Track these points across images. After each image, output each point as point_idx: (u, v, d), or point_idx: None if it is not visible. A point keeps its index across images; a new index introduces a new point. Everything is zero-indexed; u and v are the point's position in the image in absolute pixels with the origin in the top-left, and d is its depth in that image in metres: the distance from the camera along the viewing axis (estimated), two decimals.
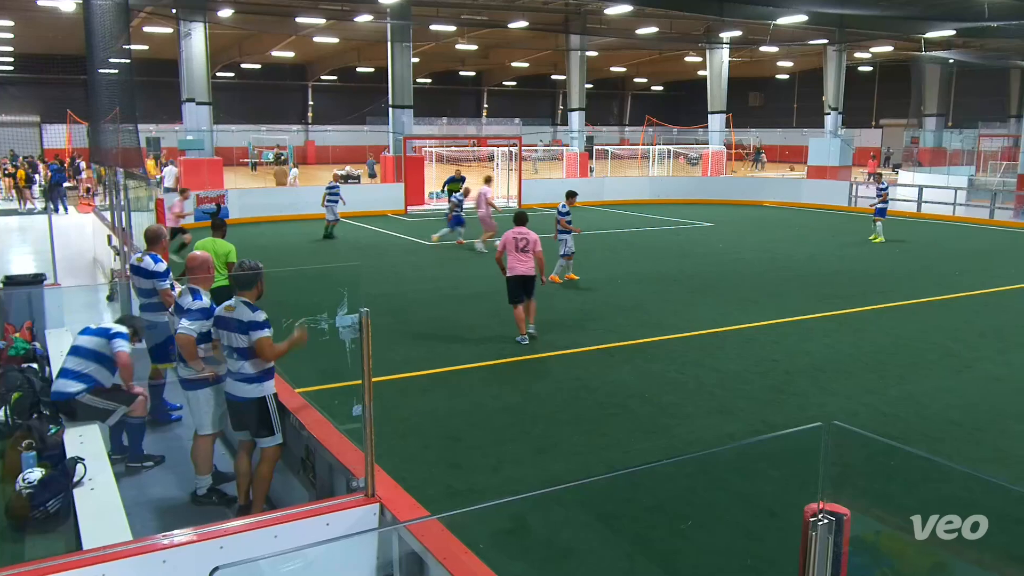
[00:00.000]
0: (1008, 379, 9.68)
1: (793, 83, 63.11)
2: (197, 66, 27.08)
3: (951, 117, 49.80)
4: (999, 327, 12.10)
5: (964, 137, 46.27)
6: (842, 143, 35.26)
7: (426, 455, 7.34)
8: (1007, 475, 6.98)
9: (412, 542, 3.65)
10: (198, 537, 3.65)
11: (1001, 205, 27.35)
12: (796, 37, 37.93)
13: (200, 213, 23.78)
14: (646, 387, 9.23)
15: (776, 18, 29.67)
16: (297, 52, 49.52)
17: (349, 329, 4.41)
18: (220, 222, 10.27)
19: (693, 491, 6.62)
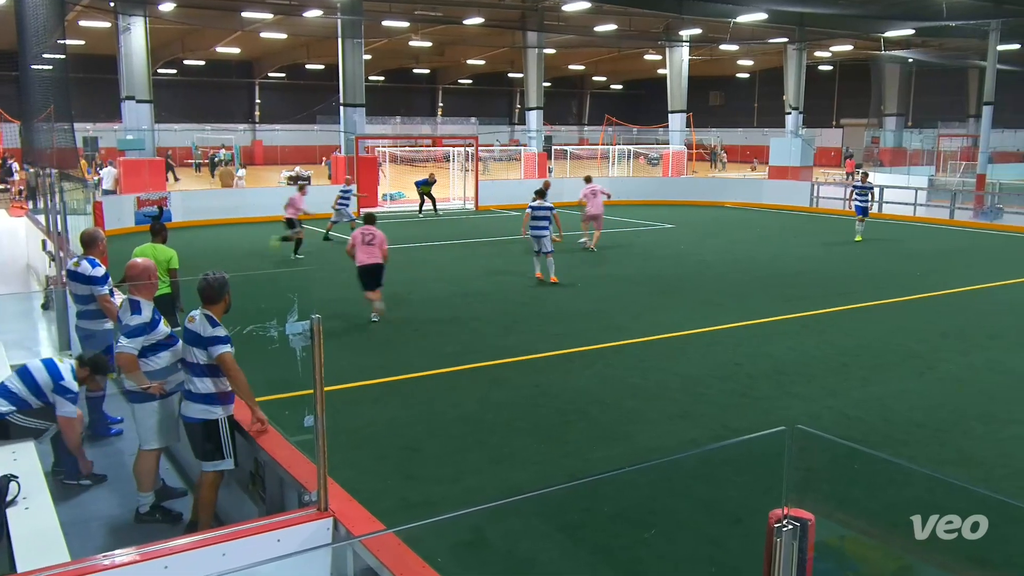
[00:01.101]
0: (970, 380, 9.91)
1: (754, 82, 64.10)
2: (137, 62, 26.58)
3: (911, 117, 51.06)
4: (961, 328, 12.39)
5: (924, 137, 47.40)
6: (803, 143, 35.87)
7: (381, 466, 7.29)
8: (970, 477, 7.14)
9: (367, 557, 3.62)
10: (141, 557, 3.57)
11: (961, 205, 28.05)
12: (756, 35, 38.53)
13: (141, 216, 23.37)
14: (607, 393, 9.27)
15: (736, 16, 30.12)
16: (243, 48, 48.94)
17: (300, 336, 4.37)
18: (160, 227, 10.04)
19: (656, 499, 6.66)
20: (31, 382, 5.89)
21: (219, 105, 57.54)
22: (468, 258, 18.96)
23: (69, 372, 5.99)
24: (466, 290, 15.04)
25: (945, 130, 47.67)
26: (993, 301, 14.50)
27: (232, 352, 5.34)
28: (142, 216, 23.32)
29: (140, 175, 26.30)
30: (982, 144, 30.39)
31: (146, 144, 26.77)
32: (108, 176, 26.69)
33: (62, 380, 5.91)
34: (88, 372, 6.15)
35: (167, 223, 12.90)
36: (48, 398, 5.87)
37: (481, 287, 15.35)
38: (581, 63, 59.02)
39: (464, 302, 14.02)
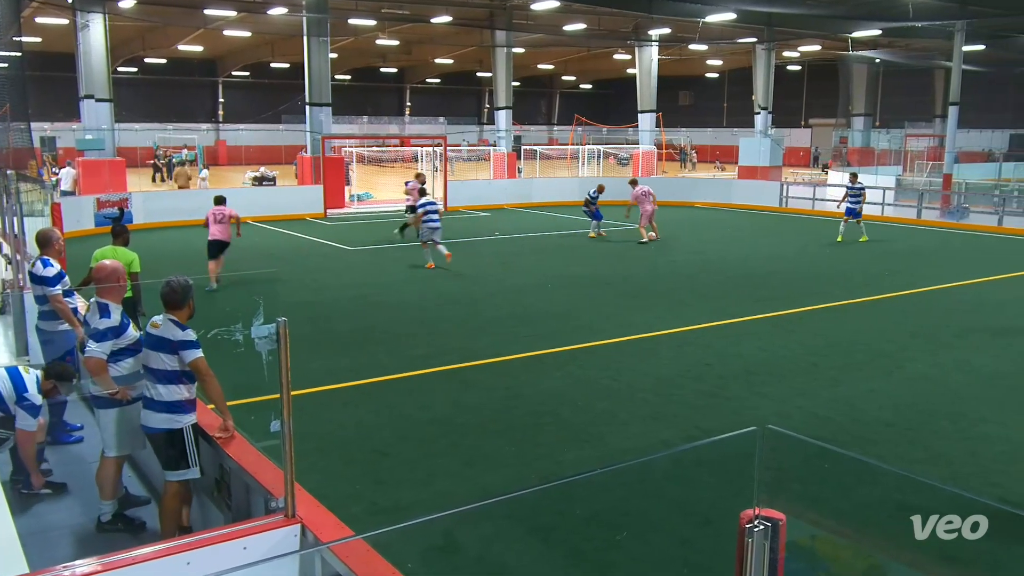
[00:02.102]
0: (938, 379, 10.06)
1: (723, 82, 64.68)
2: (96, 60, 26.21)
3: (878, 117, 51.75)
4: (928, 327, 12.58)
5: (891, 137, 48.11)
6: (772, 143, 36.23)
7: (350, 471, 7.24)
8: (939, 475, 7.26)
9: (336, 564, 3.59)
10: (103, 567, 3.50)
11: (928, 205, 28.50)
12: (725, 35, 38.86)
13: (101, 218, 23.04)
14: (579, 394, 9.30)
15: (705, 16, 30.34)
16: (206, 46, 48.42)
17: (266, 340, 4.32)
18: (121, 228, 9.89)
19: (628, 500, 6.69)
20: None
21: (181, 104, 56.94)
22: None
23: (34, 384, 5.84)
24: (436, 291, 15.00)
25: (912, 130, 48.44)
26: (960, 300, 14.74)
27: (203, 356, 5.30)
28: (102, 218, 22.97)
29: (100, 176, 25.92)
30: (948, 144, 30.91)
31: (106, 144, 26.40)
32: (67, 177, 26.25)
33: (26, 392, 5.78)
34: (53, 385, 6.05)
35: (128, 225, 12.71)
36: (10, 409, 5.75)
37: (451, 288, 15.32)
38: (550, 62, 59.14)
39: (434, 303, 13.99)
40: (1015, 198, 29.55)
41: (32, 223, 11.07)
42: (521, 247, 21.11)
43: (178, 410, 5.28)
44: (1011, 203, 28.08)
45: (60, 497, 6.18)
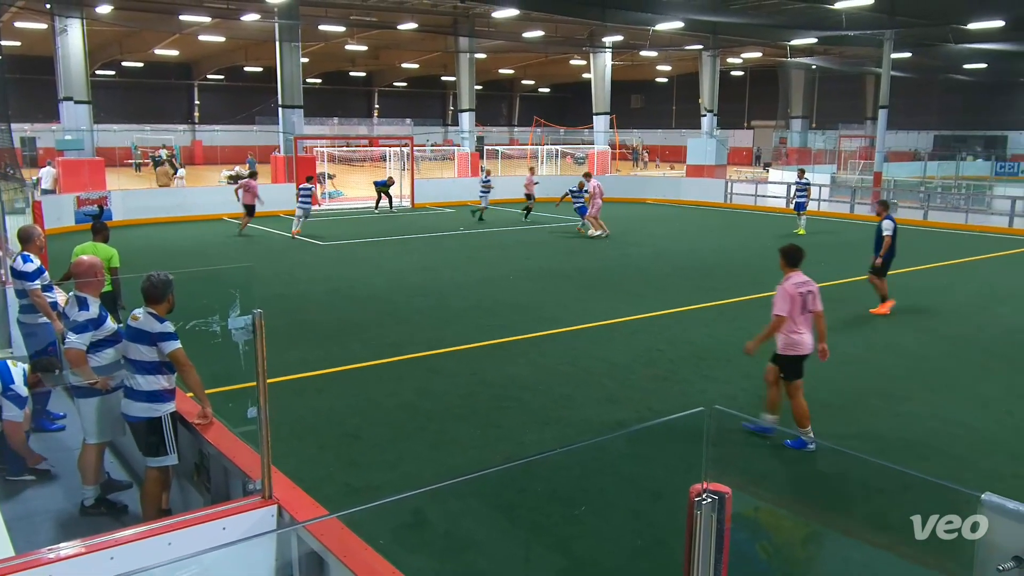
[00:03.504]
0: (868, 360, 10.26)
1: (672, 86, 65.12)
2: (75, 64, 25.63)
3: (814, 119, 52.48)
4: (857, 314, 12.81)
5: (826, 138, 48.85)
6: (718, 143, 36.60)
7: (324, 455, 7.21)
8: (870, 449, 7.41)
9: (311, 542, 3.57)
10: (87, 549, 3.45)
11: (860, 201, 29.00)
12: (673, 42, 39.11)
13: (81, 216, 22.59)
14: (539, 380, 9.33)
15: (655, 24, 30.52)
16: (182, 50, 47.65)
17: (242, 331, 4.28)
18: (101, 225, 9.71)
19: (586, 478, 6.73)
20: None
21: (158, 106, 55.94)
22: (406, 253, 18.84)
23: (20, 377, 5.80)
24: (405, 284, 14.94)
25: (845, 131, 49.25)
26: (888, 288, 15.02)
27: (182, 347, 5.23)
28: (82, 215, 22.55)
29: (80, 175, 25.41)
30: (878, 144, 31.46)
31: (85, 144, 25.87)
32: (47, 176, 25.66)
33: (12, 384, 5.72)
34: (39, 378, 5.99)
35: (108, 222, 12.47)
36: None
37: (419, 281, 15.27)
38: (511, 67, 59.09)
39: (403, 295, 13.93)
40: (938, 194, 30.21)
41: (13, 221, 10.82)
42: (485, 242, 21.11)
43: (158, 399, 5.21)
44: (935, 199, 28.70)
45: (44, 483, 6.07)
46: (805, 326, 7.34)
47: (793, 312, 7.25)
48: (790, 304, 7.24)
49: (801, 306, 7.27)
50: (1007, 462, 7.15)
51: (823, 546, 5.69)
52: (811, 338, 7.40)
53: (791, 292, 7.30)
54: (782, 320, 7.28)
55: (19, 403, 5.72)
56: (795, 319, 7.27)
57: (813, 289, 7.39)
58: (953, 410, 8.40)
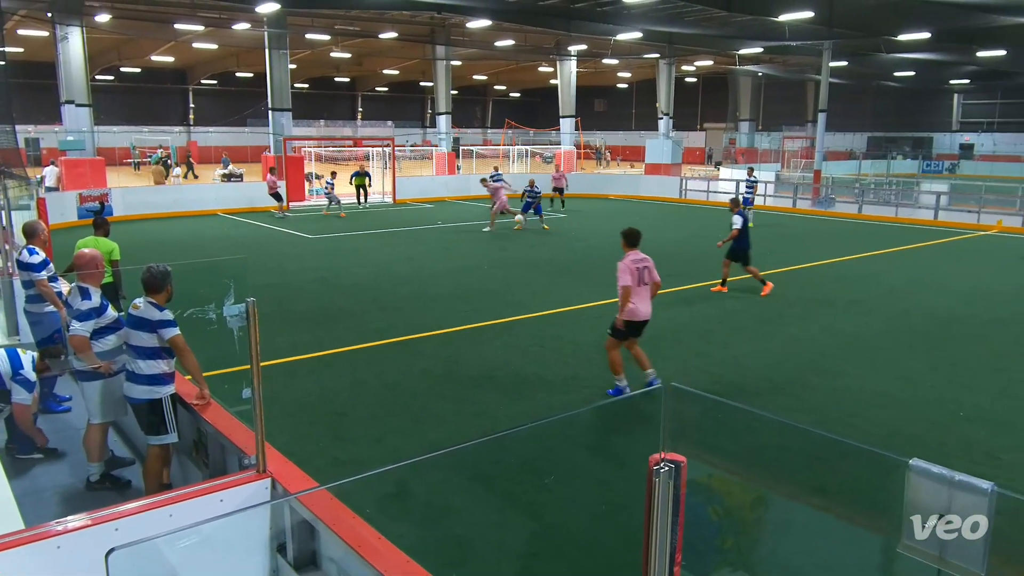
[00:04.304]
0: (808, 340, 10.41)
1: (632, 91, 65.22)
2: (75, 69, 25.07)
3: (761, 121, 52.90)
4: (800, 298, 12.97)
5: (771, 138, 49.30)
6: (673, 144, 36.75)
7: (314, 431, 7.17)
8: (810, 420, 7.52)
9: (303, 511, 3.56)
10: (92, 521, 3.40)
11: (802, 196, 29.33)
12: (633, 51, 39.16)
13: (83, 211, 22.20)
14: (512, 360, 9.35)
15: (616, 34, 30.52)
16: (177, 57, 46.82)
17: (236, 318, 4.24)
18: (102, 220, 9.54)
19: (554, 450, 6.77)
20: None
21: (155, 109, 54.94)
22: (388, 246, 18.74)
23: (29, 363, 5.73)
24: (387, 273, 14.88)
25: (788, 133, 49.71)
26: (826, 276, 15.24)
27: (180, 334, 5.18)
28: (84, 211, 22.18)
29: (81, 173, 24.94)
30: (818, 145, 31.82)
31: (86, 145, 25.37)
32: (51, 174, 25.12)
33: (22, 370, 5.64)
34: (46, 364, 5.92)
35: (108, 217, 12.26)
36: (5, 385, 5.59)
37: (401, 271, 15.21)
38: (484, 74, 58.80)
39: (386, 284, 13.87)
40: (871, 190, 30.59)
41: (19, 216, 10.60)
42: (460, 235, 21.06)
43: (158, 382, 5.15)
44: (868, 194, 29.07)
45: (52, 461, 5.98)
46: (641, 297, 7.87)
47: (634, 283, 7.81)
48: (631, 276, 7.80)
49: (639, 279, 7.83)
50: (929, 429, 7.31)
51: (769, 509, 5.78)
52: (647, 308, 7.94)
53: (630, 267, 7.87)
54: (628, 289, 7.81)
55: (28, 387, 5.65)
56: (635, 290, 7.82)
57: (649, 264, 7.98)
58: (883, 384, 8.55)
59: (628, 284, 7.80)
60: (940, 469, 1.85)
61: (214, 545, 3.52)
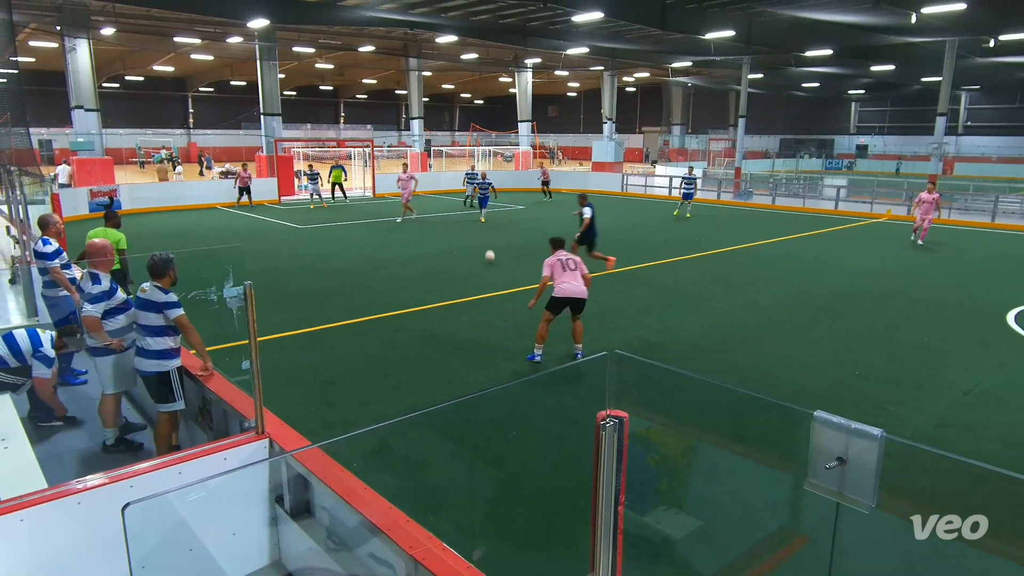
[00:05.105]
0: (732, 313, 10.58)
1: (580, 99, 65.07)
2: (83, 77, 24.15)
3: (690, 125, 53.21)
4: (725, 276, 13.18)
5: (699, 140, 49.68)
6: (616, 145, 36.84)
7: (306, 397, 7.10)
8: (733, 380, 7.67)
9: (298, 467, 3.54)
10: (109, 480, 3.34)
11: (725, 190, 29.69)
12: (581, 64, 39.03)
13: (94, 205, 21.51)
14: (479, 333, 9.35)
15: (566, 49, 30.39)
16: (177, 67, 45.34)
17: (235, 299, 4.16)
18: (112, 213, 9.25)
19: (516, 409, 6.81)
20: (15, 346, 5.45)
21: (158, 113, 53.16)
22: (368, 235, 18.53)
23: (48, 341, 5.58)
24: (369, 259, 14.72)
25: (714, 135, 50.13)
26: (746, 257, 15.48)
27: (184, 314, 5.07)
28: (95, 205, 21.49)
29: (92, 171, 24.14)
30: (738, 145, 32.18)
31: (95, 145, 24.53)
32: (63, 172, 24.24)
33: (41, 347, 5.50)
34: (63, 342, 5.77)
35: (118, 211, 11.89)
36: (27, 361, 5.44)
37: (380, 256, 15.06)
38: (452, 83, 58.14)
39: (368, 268, 13.73)
40: (783, 184, 31.10)
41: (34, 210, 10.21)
42: (432, 224, 20.91)
43: (165, 357, 5.04)
44: (781, 188, 29.55)
45: (71, 428, 5.83)
46: (566, 279, 8.12)
47: (555, 273, 8.19)
48: (551, 270, 8.23)
49: (561, 268, 8.20)
50: (831, 386, 7.51)
51: (698, 455, 5.90)
52: (571, 287, 8.12)
53: (551, 262, 8.31)
54: (546, 280, 8.24)
55: (47, 363, 5.50)
56: (556, 276, 8.17)
57: (573, 258, 8.33)
58: (793, 349, 8.75)
59: (546, 275, 8.24)
60: (839, 419, 1.91)
61: (220, 498, 3.48)
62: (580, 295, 8.11)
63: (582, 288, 8.12)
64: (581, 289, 8.11)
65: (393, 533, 2.85)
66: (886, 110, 56.90)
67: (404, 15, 24.38)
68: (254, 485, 3.66)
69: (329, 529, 3.45)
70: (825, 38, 25.46)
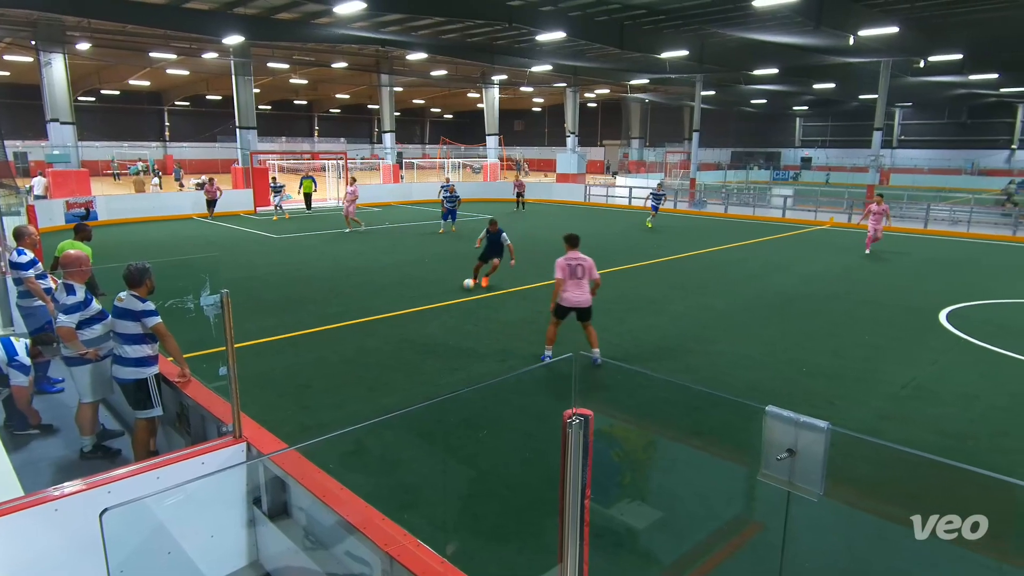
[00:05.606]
0: (688, 315, 10.71)
1: (544, 114, 65.39)
2: (59, 91, 23.45)
3: (648, 139, 53.88)
4: (681, 281, 13.35)
5: (656, 153, 50.32)
6: (578, 157, 37.12)
7: (282, 401, 6.98)
8: (689, 378, 7.76)
9: (275, 469, 3.47)
10: (87, 486, 3.23)
11: (681, 199, 30.10)
12: (545, 81, 39.26)
13: (71, 216, 20.88)
14: (450, 337, 9.31)
15: (531, 67, 30.53)
16: (153, 81, 44.29)
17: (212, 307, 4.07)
18: (83, 226, 8.92)
19: (487, 409, 6.79)
20: None
21: (134, 126, 51.81)
22: (342, 244, 18.33)
23: (23, 349, 5.41)
24: (342, 266, 14.56)
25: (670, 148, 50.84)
26: (701, 263, 15.70)
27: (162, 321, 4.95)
28: (71, 216, 20.86)
29: (68, 183, 23.43)
30: (693, 158, 32.67)
31: (71, 158, 23.82)
32: (39, 184, 23.49)
33: (16, 356, 5.31)
34: (39, 351, 5.59)
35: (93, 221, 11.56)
36: (3, 370, 5.24)
37: (354, 264, 14.91)
38: (422, 98, 57.93)
39: (342, 275, 13.57)
40: (735, 194, 31.66)
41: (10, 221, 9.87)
42: (404, 233, 20.79)
43: (143, 364, 4.91)
44: (732, 197, 30.08)
45: (47, 436, 5.64)
46: (571, 287, 7.99)
47: (565, 277, 7.94)
48: (562, 273, 7.94)
49: (571, 273, 7.95)
50: (781, 383, 7.65)
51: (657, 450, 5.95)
52: (575, 296, 8.00)
53: (562, 264, 7.98)
54: (560, 282, 7.96)
55: (23, 371, 5.32)
56: (565, 282, 7.96)
57: (583, 263, 8.01)
58: (746, 349, 8.89)
59: (560, 277, 7.94)
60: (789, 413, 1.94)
61: (198, 501, 3.40)
62: (582, 305, 7.97)
63: (586, 297, 7.97)
64: (584, 299, 7.96)
65: (369, 531, 2.81)
66: (828, 125, 58.38)
67: (376, 33, 24.24)
68: (232, 488, 3.58)
69: (306, 529, 3.40)
70: (771, 58, 26.06)
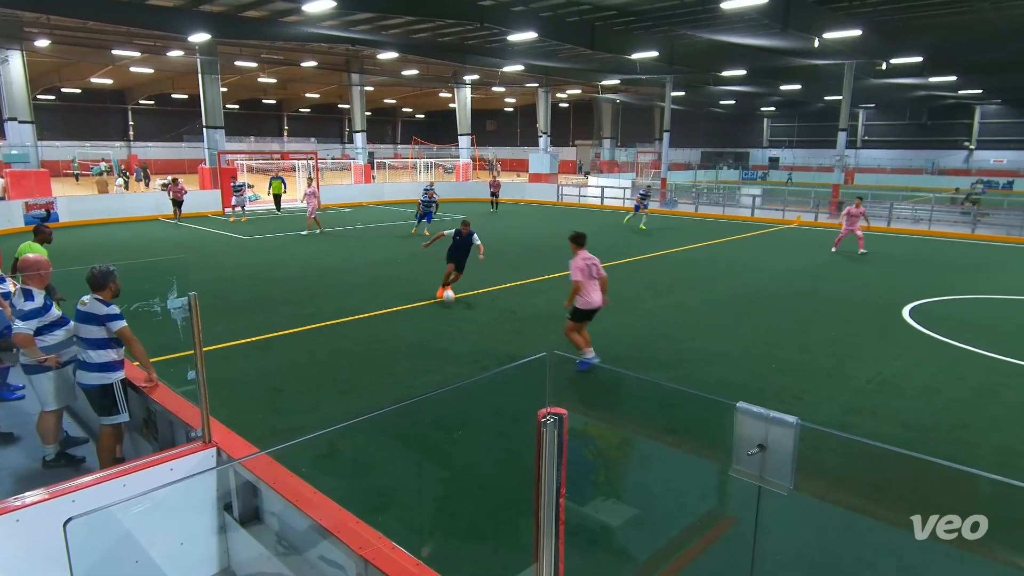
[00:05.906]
0: (660, 314, 10.82)
1: (517, 114, 65.44)
2: (17, 89, 22.76)
3: (619, 139, 54.30)
4: (653, 280, 13.47)
5: (628, 153, 50.73)
6: (551, 157, 37.23)
7: (253, 405, 6.87)
8: (662, 376, 7.84)
9: (246, 474, 3.41)
10: (50, 495, 3.13)
11: (653, 200, 30.34)
12: (517, 81, 39.30)
13: (30, 218, 20.28)
14: (423, 338, 9.27)
15: (503, 67, 30.53)
16: (115, 79, 43.22)
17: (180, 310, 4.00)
18: (42, 228, 8.68)
19: (461, 410, 6.77)
20: None
21: (97, 126, 50.49)
22: (314, 244, 18.12)
23: None
24: (314, 267, 14.39)
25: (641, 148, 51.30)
26: (672, 262, 15.87)
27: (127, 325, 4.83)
28: (31, 218, 20.25)
29: (27, 184, 22.74)
30: (664, 158, 33.00)
31: (30, 158, 23.14)
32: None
33: None
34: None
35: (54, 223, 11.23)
36: None
37: (326, 264, 14.74)
38: (393, 98, 57.53)
39: (313, 276, 13.42)
40: (705, 193, 32.07)
41: None
42: (376, 233, 20.62)
43: (108, 369, 4.78)
44: (703, 197, 30.46)
45: (6, 445, 5.46)
46: (593, 288, 7.92)
47: (584, 279, 7.83)
48: (582, 275, 7.82)
49: (588, 274, 7.85)
50: (752, 379, 7.77)
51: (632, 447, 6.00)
52: (599, 297, 7.98)
53: (581, 266, 7.85)
54: (579, 284, 7.85)
55: None
56: (586, 284, 7.85)
57: (595, 262, 7.97)
58: (718, 346, 9.01)
59: (580, 279, 7.82)
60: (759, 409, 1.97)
61: (166, 508, 3.32)
62: (603, 305, 8.03)
63: (604, 298, 8.04)
64: (603, 299, 8.02)
65: (343, 535, 2.78)
66: (794, 125, 59.49)
67: (346, 32, 24.00)
68: (202, 494, 3.52)
69: (279, 534, 3.35)
70: (739, 59, 26.47)
